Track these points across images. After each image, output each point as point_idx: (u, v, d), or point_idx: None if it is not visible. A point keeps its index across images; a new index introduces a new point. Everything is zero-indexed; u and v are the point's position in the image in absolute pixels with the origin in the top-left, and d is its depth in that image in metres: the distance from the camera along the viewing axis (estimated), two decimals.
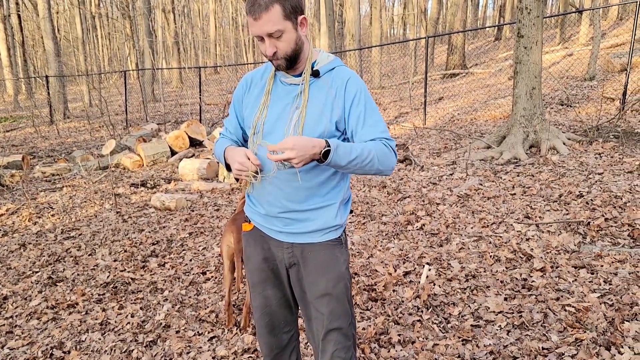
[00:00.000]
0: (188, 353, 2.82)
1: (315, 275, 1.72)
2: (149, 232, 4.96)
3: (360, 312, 3.04)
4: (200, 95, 13.76)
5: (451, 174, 5.84)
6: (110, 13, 38.95)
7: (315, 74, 1.63)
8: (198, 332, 3.03)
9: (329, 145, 1.48)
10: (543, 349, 2.49)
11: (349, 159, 1.50)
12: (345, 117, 1.64)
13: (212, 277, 3.82)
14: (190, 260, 4.20)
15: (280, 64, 1.60)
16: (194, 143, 9.26)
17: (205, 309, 3.30)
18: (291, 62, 1.60)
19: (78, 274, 4.07)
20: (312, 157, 1.48)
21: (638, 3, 7.42)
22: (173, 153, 8.74)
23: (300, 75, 1.66)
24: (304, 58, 1.63)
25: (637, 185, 4.56)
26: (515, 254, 3.58)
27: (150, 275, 3.95)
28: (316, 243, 1.72)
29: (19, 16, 26.43)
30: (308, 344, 2.77)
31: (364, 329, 2.84)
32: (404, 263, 3.67)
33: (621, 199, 4.25)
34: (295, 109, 1.63)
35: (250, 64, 17.36)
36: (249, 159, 1.57)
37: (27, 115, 17.25)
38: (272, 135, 1.66)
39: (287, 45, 1.55)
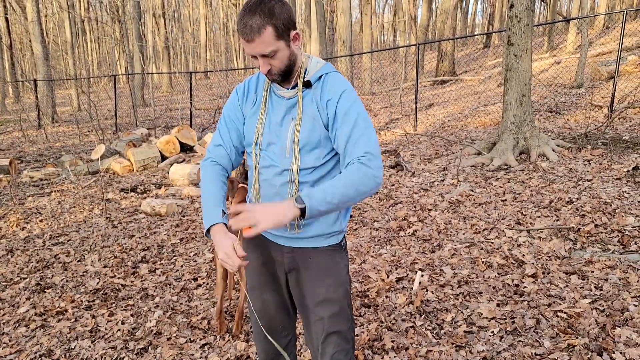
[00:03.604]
0: None
1: (316, 280, 1.73)
2: (140, 237, 4.92)
3: (354, 318, 3.03)
4: (190, 100, 13.70)
5: (442, 180, 5.87)
6: (100, 17, 38.75)
7: (307, 84, 1.64)
8: (190, 339, 3.00)
9: (302, 203, 1.43)
10: (536, 354, 2.50)
11: (328, 203, 1.46)
12: (332, 130, 1.62)
13: (203, 283, 3.79)
14: (182, 266, 4.17)
15: (275, 79, 1.62)
16: (185, 148, 9.21)
17: (197, 315, 3.27)
18: (285, 76, 1.61)
19: (67, 281, 4.02)
20: (286, 221, 1.44)
21: (625, 12, 7.55)
22: (163, 158, 8.69)
23: (294, 87, 1.66)
24: (297, 69, 1.64)
25: (625, 191, 4.62)
26: (507, 260, 3.60)
27: (141, 281, 3.91)
28: (317, 248, 1.73)
29: (6, 19, 26.18)
30: (301, 350, 2.75)
31: (357, 335, 2.83)
32: (396, 269, 3.67)
33: (610, 205, 4.30)
34: (291, 120, 1.64)
35: (241, 69, 17.36)
36: (234, 250, 1.53)
37: (15, 119, 17.06)
38: (272, 147, 1.67)
39: (280, 62, 1.57)
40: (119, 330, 3.16)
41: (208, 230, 1.61)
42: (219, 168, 1.74)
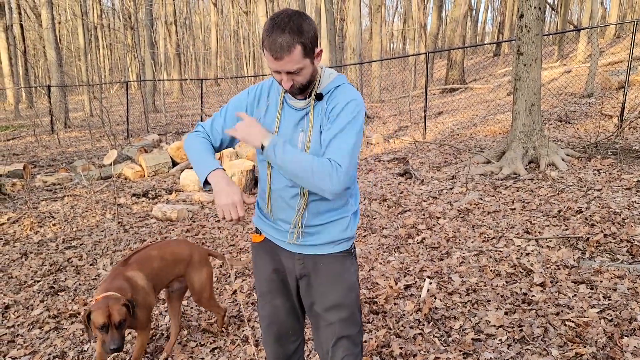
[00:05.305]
0: None
1: (327, 285, 1.77)
2: (151, 242, 4.98)
3: (362, 323, 3.06)
4: (201, 106, 13.84)
5: (451, 188, 5.89)
6: (113, 24, 39.26)
7: (319, 97, 1.65)
8: (200, 343, 3.05)
9: (268, 142, 1.56)
10: None
11: (283, 160, 1.54)
12: (324, 131, 1.65)
13: (213, 288, 3.83)
14: None
15: (294, 92, 1.63)
16: None
17: (207, 319, 3.32)
18: (304, 90, 1.62)
19: (80, 284, 4.09)
20: (254, 143, 1.60)
21: (635, 22, 7.55)
22: (174, 164, 8.78)
23: (306, 98, 1.67)
24: (315, 83, 1.65)
25: (635, 201, 4.61)
26: (515, 269, 3.61)
27: None
28: (327, 254, 1.76)
29: (21, 26, 26.63)
30: (310, 355, 2.78)
31: (365, 341, 2.86)
32: (404, 276, 3.70)
33: (620, 215, 4.30)
34: (300, 132, 1.66)
35: (251, 76, 17.50)
36: (242, 199, 1.62)
37: (28, 124, 17.31)
38: None
39: (303, 78, 1.57)
40: (130, 333, 3.21)
41: (206, 182, 1.67)
42: (207, 140, 1.81)
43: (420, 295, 3.35)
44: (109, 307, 2.32)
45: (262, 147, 1.58)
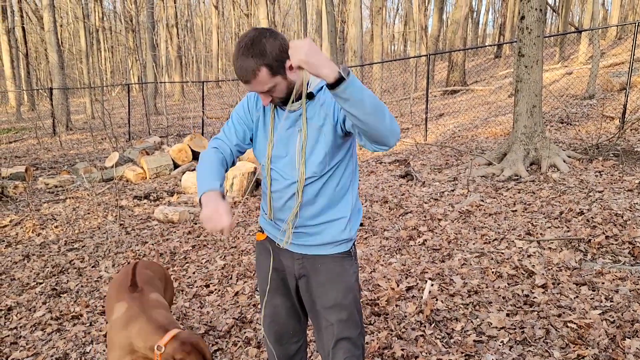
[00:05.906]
0: None
1: (325, 286, 1.78)
2: (152, 244, 4.99)
3: (363, 325, 3.06)
4: (202, 108, 13.86)
5: (452, 190, 5.89)
6: (114, 27, 39.37)
7: (310, 96, 1.67)
8: None
9: (346, 73, 1.38)
10: None
11: (363, 96, 1.39)
12: (339, 118, 1.63)
13: (215, 290, 3.85)
14: (194, 273, 4.23)
15: (276, 103, 1.68)
16: (197, 156, 9.31)
17: (209, 322, 3.32)
18: (286, 101, 1.66)
19: (82, 286, 4.09)
20: (322, 70, 1.37)
21: (637, 24, 7.55)
22: (176, 166, 8.80)
23: (298, 99, 1.69)
24: (298, 87, 1.66)
25: (637, 203, 4.61)
26: (517, 270, 3.61)
27: None
28: (326, 255, 1.78)
29: (23, 29, 26.71)
30: (312, 357, 2.79)
31: (367, 343, 2.86)
32: (406, 278, 3.70)
33: (622, 217, 4.30)
34: (297, 132, 1.69)
35: None
36: (226, 212, 1.52)
37: (30, 126, 17.35)
38: (281, 160, 1.73)
39: (280, 93, 1.61)
40: None
41: (200, 200, 1.60)
42: (221, 156, 1.78)
43: (421, 297, 3.36)
44: (199, 349, 1.94)
45: (338, 80, 1.37)
